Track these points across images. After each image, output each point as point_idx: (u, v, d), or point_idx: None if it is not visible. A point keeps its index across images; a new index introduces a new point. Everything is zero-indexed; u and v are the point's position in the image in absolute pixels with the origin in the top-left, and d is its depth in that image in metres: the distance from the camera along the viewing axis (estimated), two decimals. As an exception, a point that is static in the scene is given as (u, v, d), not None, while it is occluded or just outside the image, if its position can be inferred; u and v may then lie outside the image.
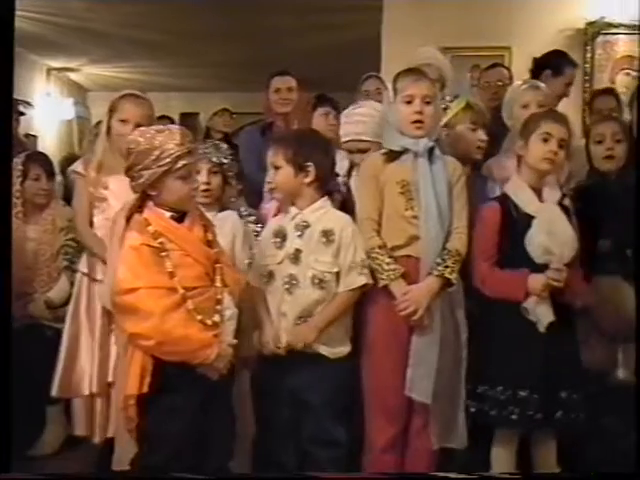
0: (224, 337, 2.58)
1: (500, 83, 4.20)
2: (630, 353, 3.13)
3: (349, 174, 3.26)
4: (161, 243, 2.54)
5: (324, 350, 2.83)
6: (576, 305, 2.98)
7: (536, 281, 2.88)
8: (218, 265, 2.65)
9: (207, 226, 2.69)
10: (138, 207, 2.61)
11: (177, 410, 2.54)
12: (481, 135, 3.21)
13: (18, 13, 2.64)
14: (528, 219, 2.93)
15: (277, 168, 2.91)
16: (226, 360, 2.58)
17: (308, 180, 2.89)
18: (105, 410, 3.18)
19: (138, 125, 3.13)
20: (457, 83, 3.76)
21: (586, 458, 3.07)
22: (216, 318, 2.58)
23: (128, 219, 2.59)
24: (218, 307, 2.60)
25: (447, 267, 2.85)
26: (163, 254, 2.53)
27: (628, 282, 3.16)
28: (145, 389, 2.51)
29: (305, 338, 2.81)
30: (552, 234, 2.88)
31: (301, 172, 2.87)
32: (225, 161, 3.14)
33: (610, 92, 4.34)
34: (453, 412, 2.95)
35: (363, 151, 3.20)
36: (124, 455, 2.65)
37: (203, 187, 3.03)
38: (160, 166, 2.52)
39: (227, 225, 3.04)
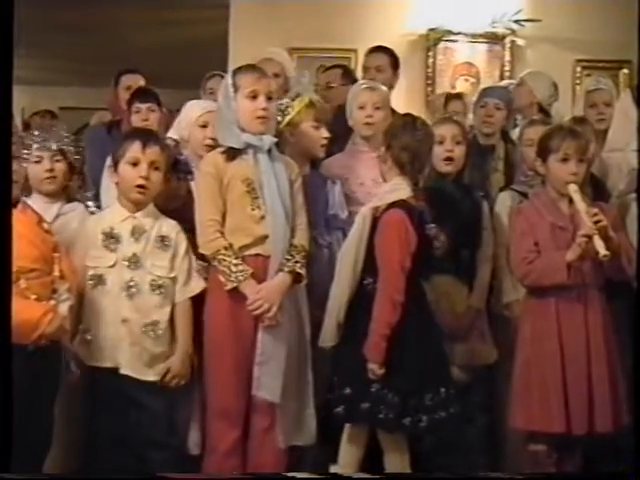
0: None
1: (335, 85, 4.24)
2: (462, 352, 3.19)
3: None
4: None
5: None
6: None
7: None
8: (56, 255, 2.62)
9: (40, 218, 2.67)
10: None
11: None
12: (324, 133, 3.20)
13: None
14: None
15: None
16: (63, 329, 2.55)
17: None
18: None
19: None
20: (299, 81, 3.77)
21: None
22: (52, 302, 2.55)
23: None
24: (55, 295, 2.57)
25: (297, 262, 2.88)
26: None
27: (462, 281, 3.26)
28: None
29: (181, 371, 2.85)
30: None
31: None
32: (67, 148, 3.08)
33: (459, 97, 4.56)
34: (300, 410, 2.95)
35: None
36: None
37: (46, 175, 3.00)
38: None
39: (75, 217, 3.03)
